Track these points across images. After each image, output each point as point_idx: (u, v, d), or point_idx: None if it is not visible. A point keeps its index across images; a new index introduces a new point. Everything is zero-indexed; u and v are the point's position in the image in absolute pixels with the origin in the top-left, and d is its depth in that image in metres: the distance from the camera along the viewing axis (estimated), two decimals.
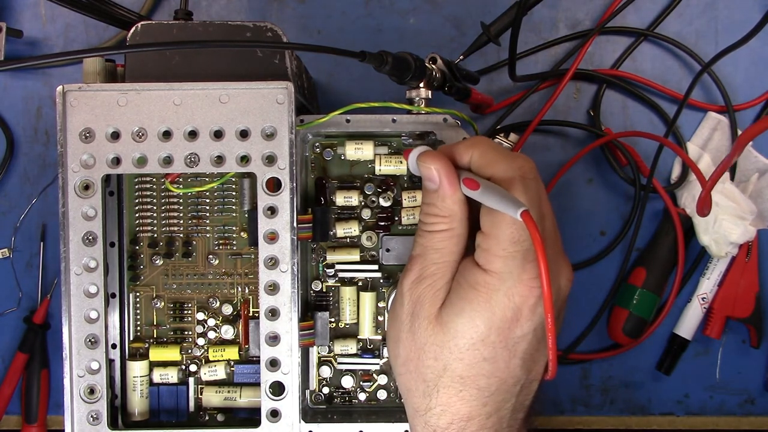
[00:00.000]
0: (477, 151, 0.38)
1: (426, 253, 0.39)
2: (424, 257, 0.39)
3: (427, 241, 0.39)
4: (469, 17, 0.63)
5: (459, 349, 0.37)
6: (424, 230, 0.39)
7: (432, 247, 0.38)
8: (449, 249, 0.38)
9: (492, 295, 0.36)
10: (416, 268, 0.39)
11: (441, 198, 0.38)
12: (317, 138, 0.47)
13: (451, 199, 0.38)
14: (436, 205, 0.38)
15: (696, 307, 0.63)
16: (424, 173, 0.39)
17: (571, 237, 0.64)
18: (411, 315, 0.39)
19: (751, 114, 0.64)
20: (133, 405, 0.45)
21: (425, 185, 0.39)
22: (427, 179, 0.39)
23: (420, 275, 0.39)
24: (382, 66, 0.43)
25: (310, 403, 0.48)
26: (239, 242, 0.47)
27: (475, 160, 0.38)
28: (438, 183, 0.38)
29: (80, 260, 0.41)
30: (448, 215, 0.38)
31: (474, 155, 0.38)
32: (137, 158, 0.41)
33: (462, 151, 0.39)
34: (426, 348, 0.38)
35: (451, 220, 0.38)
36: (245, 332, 0.47)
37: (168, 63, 0.43)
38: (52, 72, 0.63)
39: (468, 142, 0.39)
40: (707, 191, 0.42)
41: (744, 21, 0.62)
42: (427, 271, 0.38)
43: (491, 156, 0.38)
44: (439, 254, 0.38)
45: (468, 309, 0.37)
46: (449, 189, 0.38)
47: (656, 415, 0.64)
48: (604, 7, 0.63)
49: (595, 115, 0.63)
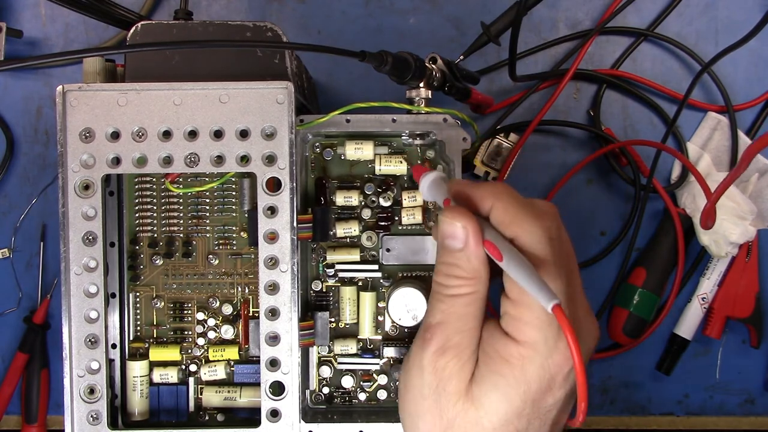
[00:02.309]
0: (500, 204, 0.35)
1: (449, 320, 0.35)
2: (447, 325, 0.35)
3: (449, 306, 0.35)
4: (469, 17, 0.63)
5: (493, 426, 0.34)
6: (446, 294, 0.35)
7: (456, 314, 0.35)
8: (473, 314, 0.35)
9: (527, 367, 0.33)
10: (438, 339, 0.35)
11: (467, 258, 0.34)
12: (317, 138, 0.47)
13: (478, 260, 0.34)
14: (459, 266, 0.35)
15: (696, 307, 0.63)
16: (447, 230, 0.35)
17: (571, 237, 0.63)
18: (435, 390, 0.35)
19: (751, 114, 0.64)
20: (133, 405, 0.45)
21: (446, 243, 0.35)
22: (450, 236, 0.35)
23: (443, 346, 0.35)
24: (382, 66, 0.43)
25: (310, 403, 0.48)
26: (239, 242, 0.47)
27: (498, 215, 0.35)
28: (464, 243, 0.34)
29: (80, 260, 0.41)
30: (473, 277, 0.35)
31: (496, 208, 0.35)
32: (137, 158, 0.41)
33: (482, 199, 0.35)
34: (455, 424, 0.35)
35: (476, 282, 0.35)
36: (245, 332, 0.47)
37: (168, 63, 0.43)
38: (52, 72, 0.63)
39: (490, 189, 0.35)
40: (711, 204, 0.42)
41: (744, 21, 0.62)
42: (451, 341, 0.35)
43: (514, 213, 0.34)
44: (462, 322, 0.35)
45: (502, 384, 0.34)
46: (476, 249, 0.34)
47: (656, 415, 0.64)
48: (604, 7, 0.63)
49: (595, 115, 0.63)
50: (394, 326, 0.47)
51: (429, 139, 0.47)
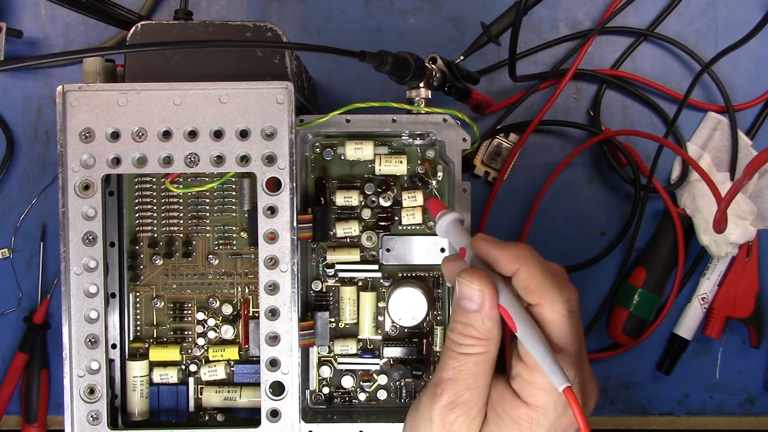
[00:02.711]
0: (526, 270, 0.35)
1: (460, 377, 0.36)
2: (457, 382, 0.36)
3: (461, 364, 0.36)
4: (469, 17, 0.63)
5: None
6: (459, 352, 0.36)
7: (467, 371, 0.36)
8: (484, 373, 0.36)
9: (535, 429, 0.35)
10: (449, 394, 0.36)
11: (482, 321, 0.36)
12: (317, 138, 0.47)
13: (492, 322, 0.36)
14: (474, 327, 0.36)
15: (696, 307, 0.63)
16: (464, 291, 0.36)
17: (571, 237, 0.64)
18: None
19: (751, 114, 0.64)
20: (133, 405, 0.45)
21: (462, 304, 0.36)
22: (467, 298, 0.36)
23: (453, 401, 0.36)
24: (382, 66, 0.43)
25: (310, 403, 0.48)
26: (239, 242, 0.47)
27: (521, 280, 0.35)
28: (480, 305, 0.36)
29: (80, 260, 0.41)
30: (486, 338, 0.36)
31: (522, 273, 0.35)
32: (137, 158, 0.41)
33: (507, 262, 0.36)
34: None
35: (489, 343, 0.36)
36: (245, 332, 0.47)
37: (168, 63, 0.43)
38: (52, 72, 0.63)
39: (517, 253, 0.36)
40: (722, 211, 0.42)
41: (744, 21, 0.62)
42: (461, 397, 0.36)
43: (541, 281, 0.35)
44: (473, 379, 0.36)
45: None
46: (491, 312, 0.36)
47: (656, 415, 0.64)
48: (604, 7, 0.63)
49: (595, 115, 0.63)
50: (394, 326, 0.47)
51: (429, 139, 0.47)
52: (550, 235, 0.63)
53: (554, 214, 0.63)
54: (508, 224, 0.63)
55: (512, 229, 0.63)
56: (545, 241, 0.63)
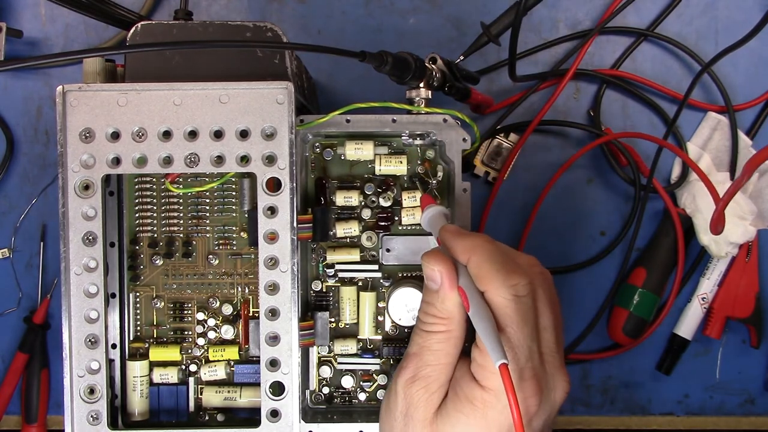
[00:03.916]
0: (474, 259, 0.37)
1: (422, 353, 0.38)
2: (420, 357, 0.38)
3: (424, 341, 0.38)
4: (469, 17, 0.63)
5: None
6: (422, 329, 0.39)
7: (429, 348, 0.38)
8: (446, 351, 0.38)
9: (488, 411, 0.36)
10: (411, 367, 0.38)
11: (441, 300, 0.38)
12: (317, 138, 0.47)
13: (451, 302, 0.38)
14: (435, 306, 0.38)
15: (696, 307, 0.63)
16: (427, 273, 0.39)
17: (571, 237, 0.64)
18: (405, 415, 0.38)
19: (751, 114, 0.64)
20: (133, 405, 0.45)
21: (427, 284, 0.39)
22: (429, 279, 0.39)
23: (415, 375, 0.38)
24: (382, 66, 0.43)
25: (310, 403, 0.48)
26: (239, 242, 0.47)
27: (471, 269, 0.37)
28: (439, 284, 0.38)
29: (80, 260, 0.41)
30: (446, 317, 0.38)
31: (471, 262, 0.37)
32: (137, 158, 0.41)
33: (460, 253, 0.38)
34: None
35: (449, 323, 0.38)
36: (245, 332, 0.47)
37: (168, 63, 0.43)
38: (52, 72, 0.63)
39: (468, 242, 0.38)
40: (719, 212, 0.42)
41: (744, 21, 0.62)
42: (422, 372, 0.38)
43: (486, 270, 0.37)
44: (435, 356, 0.38)
45: (463, 422, 0.36)
46: (449, 292, 0.38)
47: (656, 415, 0.64)
48: (604, 7, 0.63)
49: (595, 115, 0.63)
50: (394, 326, 0.47)
51: (429, 140, 0.47)
52: (550, 235, 0.63)
53: (554, 214, 0.63)
54: (508, 224, 0.63)
55: (512, 229, 0.63)
56: (545, 241, 0.63)
